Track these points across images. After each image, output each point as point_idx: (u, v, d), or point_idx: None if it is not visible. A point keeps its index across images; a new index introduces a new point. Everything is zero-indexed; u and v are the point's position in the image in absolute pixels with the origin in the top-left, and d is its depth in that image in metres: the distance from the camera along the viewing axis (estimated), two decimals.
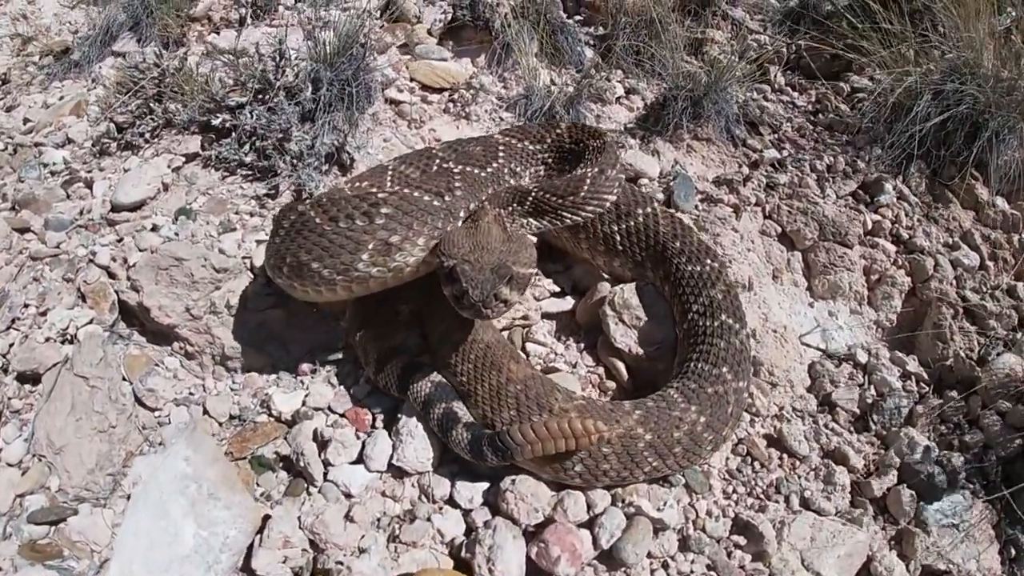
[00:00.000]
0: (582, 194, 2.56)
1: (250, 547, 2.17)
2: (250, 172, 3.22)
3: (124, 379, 2.72)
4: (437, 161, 2.74)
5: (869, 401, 3.03)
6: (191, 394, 2.71)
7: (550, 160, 2.89)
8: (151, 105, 3.43)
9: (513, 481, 2.18)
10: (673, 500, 2.34)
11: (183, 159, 3.30)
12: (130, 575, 2.10)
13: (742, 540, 2.37)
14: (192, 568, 2.11)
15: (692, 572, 2.26)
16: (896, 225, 3.62)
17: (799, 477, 2.64)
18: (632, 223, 2.77)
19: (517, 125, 3.41)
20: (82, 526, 2.32)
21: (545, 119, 3.65)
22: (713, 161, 3.80)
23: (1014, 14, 4.48)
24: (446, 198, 2.47)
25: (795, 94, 4.30)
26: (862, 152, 3.88)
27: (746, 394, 2.56)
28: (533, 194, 2.55)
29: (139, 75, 3.46)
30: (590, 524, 2.22)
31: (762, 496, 2.52)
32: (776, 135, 3.96)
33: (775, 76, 4.34)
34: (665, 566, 2.26)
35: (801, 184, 3.66)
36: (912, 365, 3.22)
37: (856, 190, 3.73)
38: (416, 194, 2.39)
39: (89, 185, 3.37)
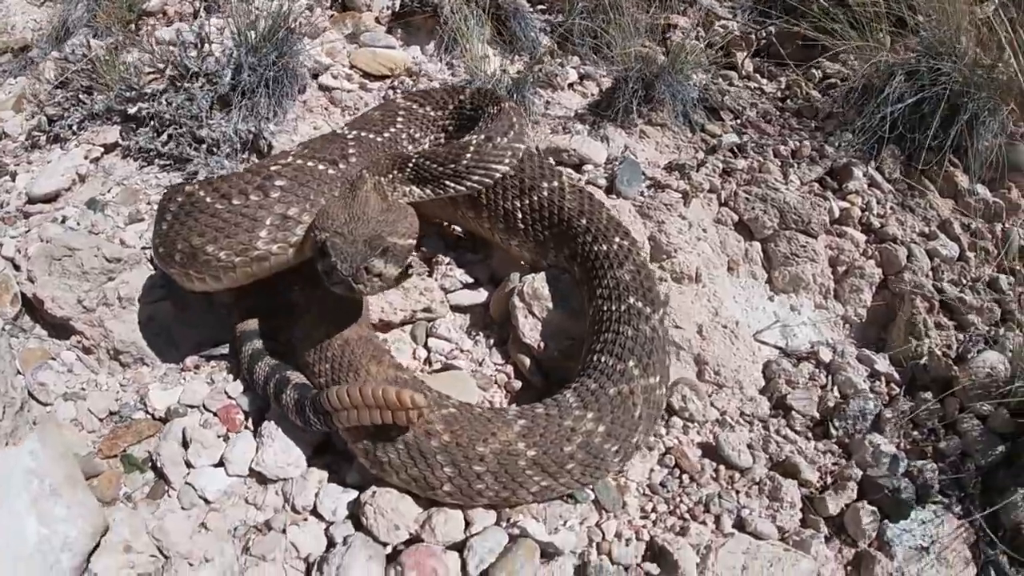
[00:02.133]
0: (464, 162, 2.24)
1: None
2: (167, 162, 2.92)
3: (19, 373, 2.46)
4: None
5: (831, 404, 2.58)
6: (82, 389, 2.42)
7: (451, 127, 2.58)
8: (80, 96, 3.16)
9: (373, 493, 1.80)
10: (576, 520, 1.91)
11: (102, 149, 3.01)
12: None
13: (655, 569, 1.90)
14: (34, 567, 1.85)
15: None
16: (867, 213, 3.18)
17: (737, 493, 2.17)
18: (536, 198, 2.38)
19: (421, 89, 3.08)
20: None
21: None
22: (668, 147, 3.38)
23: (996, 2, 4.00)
24: (340, 165, 2.25)
25: (764, 80, 3.85)
26: (831, 137, 3.43)
27: (661, 391, 2.11)
28: (413, 160, 2.24)
29: (69, 66, 3.19)
30: (462, 546, 1.81)
31: (687, 516, 2.05)
32: (738, 120, 3.52)
33: (743, 62, 3.89)
34: None
35: (761, 169, 3.22)
36: (881, 364, 2.78)
37: (823, 176, 3.29)
38: (310, 164, 2.19)
39: (14, 178, 3.11)
